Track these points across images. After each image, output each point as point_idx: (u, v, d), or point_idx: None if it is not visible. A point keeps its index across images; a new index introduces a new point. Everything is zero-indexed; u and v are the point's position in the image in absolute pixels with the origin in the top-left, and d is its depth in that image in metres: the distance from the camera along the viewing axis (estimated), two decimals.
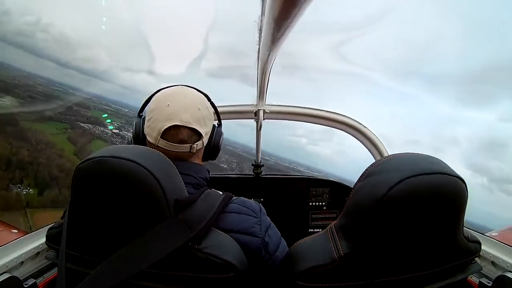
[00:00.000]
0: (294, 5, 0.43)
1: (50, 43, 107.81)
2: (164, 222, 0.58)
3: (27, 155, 17.78)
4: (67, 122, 22.90)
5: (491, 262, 0.87)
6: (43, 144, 19.50)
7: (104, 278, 0.56)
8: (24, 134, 19.55)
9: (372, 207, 0.54)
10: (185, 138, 0.75)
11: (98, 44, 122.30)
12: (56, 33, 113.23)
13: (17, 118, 20.78)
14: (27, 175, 16.47)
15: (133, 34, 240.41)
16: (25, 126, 20.53)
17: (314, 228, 1.83)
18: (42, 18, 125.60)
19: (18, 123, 20.52)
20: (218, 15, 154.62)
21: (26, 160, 17.32)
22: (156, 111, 0.77)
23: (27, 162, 17.25)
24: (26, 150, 18.13)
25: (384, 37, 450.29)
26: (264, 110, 1.54)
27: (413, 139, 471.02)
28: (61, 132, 21.23)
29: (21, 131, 19.86)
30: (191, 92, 0.81)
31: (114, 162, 0.57)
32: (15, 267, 0.80)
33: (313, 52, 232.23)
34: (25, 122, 21.07)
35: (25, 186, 15.70)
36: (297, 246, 0.65)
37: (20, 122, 20.74)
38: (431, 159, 0.58)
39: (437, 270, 0.62)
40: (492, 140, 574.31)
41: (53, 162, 17.88)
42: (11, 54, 53.81)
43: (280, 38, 0.58)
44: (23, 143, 18.46)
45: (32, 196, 15.29)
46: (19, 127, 20.17)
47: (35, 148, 18.74)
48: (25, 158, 17.38)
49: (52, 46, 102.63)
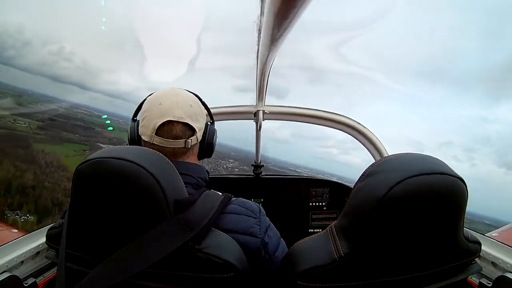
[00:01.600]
0: (294, 5, 0.43)
1: (73, 70, 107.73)
2: (164, 222, 0.58)
3: (32, 178, 16.69)
4: (86, 144, 21.54)
5: (491, 263, 0.87)
6: (53, 167, 18.22)
7: (104, 277, 0.56)
8: (34, 157, 18.42)
9: (372, 208, 0.54)
10: (179, 133, 0.76)
11: (121, 68, 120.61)
12: (78, 61, 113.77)
13: (30, 141, 19.83)
14: (28, 200, 15.21)
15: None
16: (36, 148, 19.47)
17: (314, 228, 1.83)
18: (64, 47, 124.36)
19: (30, 145, 19.58)
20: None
21: (29, 185, 16.11)
22: (149, 110, 0.78)
23: (30, 186, 16.06)
24: (32, 173, 17.04)
25: (398, 37, 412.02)
26: (264, 110, 1.54)
27: (446, 141, 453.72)
28: (78, 154, 19.67)
29: (31, 153, 18.82)
30: (182, 92, 0.83)
31: (114, 163, 0.57)
32: (15, 266, 0.80)
33: (323, 54, 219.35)
34: (39, 144, 19.96)
35: (25, 213, 14.41)
36: (297, 247, 0.65)
37: (33, 144, 19.75)
38: (431, 159, 0.58)
39: (437, 270, 0.62)
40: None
41: (60, 186, 16.58)
42: (35, 82, 53.88)
43: (280, 38, 0.59)
44: (30, 166, 17.40)
45: (30, 224, 13.87)
46: (30, 149, 19.20)
47: (43, 171, 17.65)
48: (29, 182, 16.27)
49: (75, 72, 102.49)
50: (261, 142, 1.75)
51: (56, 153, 19.40)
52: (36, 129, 20.85)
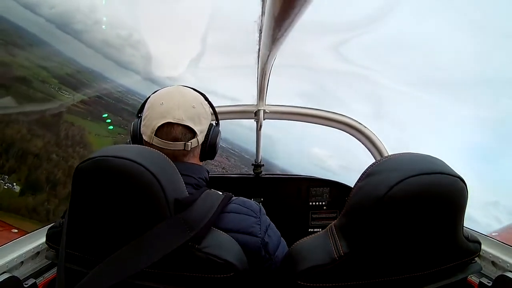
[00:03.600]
0: (294, 5, 0.43)
1: (138, 58, 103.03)
2: (164, 221, 0.58)
3: (40, 146, 14.00)
4: (125, 128, 20.07)
5: (491, 262, 0.87)
6: (72, 141, 15.92)
7: (103, 277, 0.56)
8: (56, 125, 15.86)
9: (372, 207, 0.54)
10: (178, 136, 0.75)
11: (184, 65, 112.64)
12: (145, 50, 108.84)
13: (62, 109, 17.51)
14: (23, 168, 12.62)
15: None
16: (66, 118, 17.05)
17: (314, 228, 1.83)
18: (133, 34, 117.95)
19: (60, 114, 17.14)
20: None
21: (32, 151, 13.30)
22: (150, 109, 0.77)
23: (33, 153, 13.29)
24: (44, 141, 14.40)
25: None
26: (264, 110, 1.54)
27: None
28: (110, 136, 18.13)
29: (55, 122, 16.25)
30: (186, 91, 0.82)
31: (115, 161, 0.57)
32: (15, 267, 0.80)
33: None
34: (71, 115, 17.62)
35: (12, 180, 11.91)
36: (297, 246, 0.65)
37: (64, 113, 17.40)
38: (431, 159, 0.58)
39: (437, 270, 0.62)
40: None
41: (66, 163, 14.43)
42: (98, 61, 51.72)
43: (280, 38, 0.59)
44: (46, 133, 14.78)
45: (9, 194, 11.49)
46: (56, 117, 16.58)
47: (57, 142, 15.12)
48: (33, 149, 13.44)
49: (140, 60, 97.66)
50: (261, 142, 1.75)
51: (85, 129, 17.36)
52: (78, 102, 19.03)
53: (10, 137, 13.25)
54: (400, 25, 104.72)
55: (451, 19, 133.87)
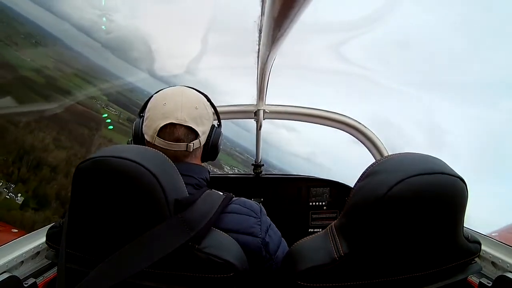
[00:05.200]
0: (294, 5, 0.43)
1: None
2: (164, 222, 0.58)
3: (62, 159, 12.60)
4: None
5: (491, 262, 0.87)
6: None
7: (104, 277, 0.56)
8: (90, 140, 14.82)
9: (372, 207, 0.54)
10: (181, 137, 0.76)
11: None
12: (202, 76, 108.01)
13: (102, 126, 16.56)
14: (33, 179, 11.50)
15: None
16: (104, 134, 15.95)
17: (314, 228, 1.83)
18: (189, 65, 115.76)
19: (99, 129, 16.02)
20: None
21: (48, 162, 12.24)
22: (153, 110, 0.77)
23: (51, 165, 12.22)
24: (68, 154, 13.07)
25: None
26: (264, 110, 1.55)
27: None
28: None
29: (91, 136, 15.40)
30: (189, 92, 0.82)
31: (115, 161, 0.57)
32: (15, 267, 0.80)
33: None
34: (113, 132, 16.58)
35: (16, 190, 10.83)
36: (297, 246, 0.65)
37: (103, 129, 16.47)
38: (431, 159, 0.58)
39: (437, 270, 0.62)
40: None
41: None
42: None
43: (280, 38, 0.59)
44: (74, 146, 13.67)
45: (7, 205, 10.25)
46: (93, 132, 15.60)
47: (85, 156, 15.31)
48: (52, 161, 12.29)
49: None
50: (261, 141, 1.75)
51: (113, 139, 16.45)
52: (124, 120, 18.53)
53: (30, 144, 12.31)
54: (400, 25, 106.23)
55: (451, 19, 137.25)
